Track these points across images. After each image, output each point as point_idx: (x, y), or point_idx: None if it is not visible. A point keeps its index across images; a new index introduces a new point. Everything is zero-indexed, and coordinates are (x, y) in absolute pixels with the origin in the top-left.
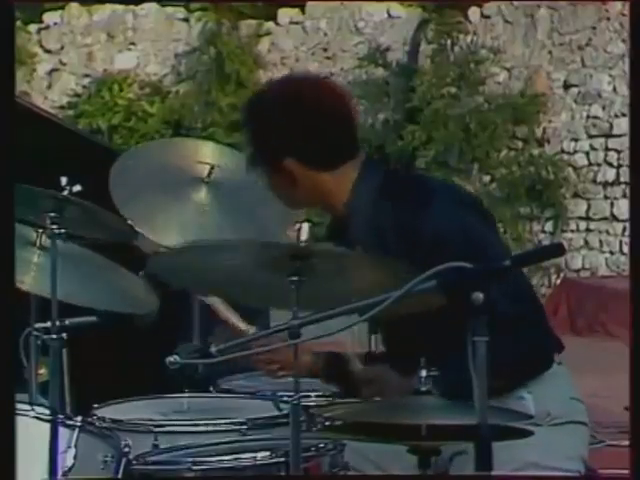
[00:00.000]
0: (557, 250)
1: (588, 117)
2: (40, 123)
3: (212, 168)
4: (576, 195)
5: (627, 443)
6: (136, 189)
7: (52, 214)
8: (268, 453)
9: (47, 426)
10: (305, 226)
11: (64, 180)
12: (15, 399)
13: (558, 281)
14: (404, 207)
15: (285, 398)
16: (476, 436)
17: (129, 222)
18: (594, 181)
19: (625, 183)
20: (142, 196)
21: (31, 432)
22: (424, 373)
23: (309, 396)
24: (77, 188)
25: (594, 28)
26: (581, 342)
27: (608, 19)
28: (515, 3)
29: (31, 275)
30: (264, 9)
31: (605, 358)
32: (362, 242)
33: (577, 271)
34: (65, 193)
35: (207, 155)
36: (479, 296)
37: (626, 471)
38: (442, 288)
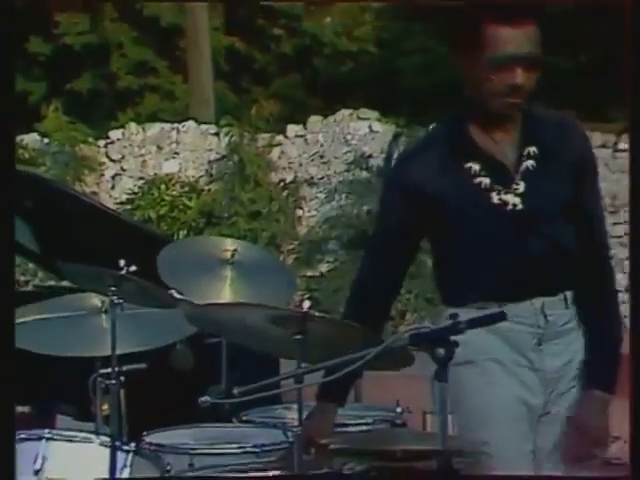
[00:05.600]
0: (503, 316)
1: None
2: (105, 217)
3: (234, 251)
4: None
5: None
6: (179, 268)
7: (113, 288)
8: (278, 472)
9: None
10: (306, 303)
11: (122, 262)
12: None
13: None
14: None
15: (291, 427)
16: (438, 458)
17: (173, 291)
18: None
19: None
20: (184, 273)
21: (95, 456)
22: (399, 410)
23: None
24: (133, 268)
25: None
26: None
27: None
28: None
29: (100, 340)
30: (276, 125)
31: None
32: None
33: None
34: (123, 272)
35: (230, 244)
36: (441, 351)
37: None
38: (413, 344)
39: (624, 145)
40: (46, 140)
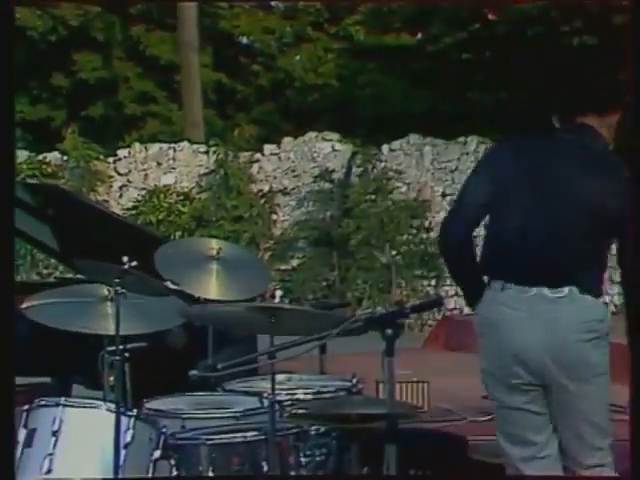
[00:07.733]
0: (440, 302)
1: None
2: (113, 221)
3: (220, 249)
4: None
5: (484, 419)
6: (174, 263)
7: (117, 280)
8: (255, 432)
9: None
10: (278, 292)
11: (125, 258)
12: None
13: (439, 316)
14: None
15: (266, 395)
16: (386, 419)
17: (169, 282)
18: None
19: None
20: (178, 267)
21: (103, 420)
22: (355, 381)
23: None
24: (134, 263)
25: (459, 159)
26: (453, 355)
27: (467, 154)
28: (411, 141)
29: (107, 322)
30: (255, 145)
31: (468, 364)
32: None
33: (451, 310)
34: (126, 267)
35: (216, 243)
36: (389, 331)
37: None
38: (366, 327)
39: None
40: (65, 157)
